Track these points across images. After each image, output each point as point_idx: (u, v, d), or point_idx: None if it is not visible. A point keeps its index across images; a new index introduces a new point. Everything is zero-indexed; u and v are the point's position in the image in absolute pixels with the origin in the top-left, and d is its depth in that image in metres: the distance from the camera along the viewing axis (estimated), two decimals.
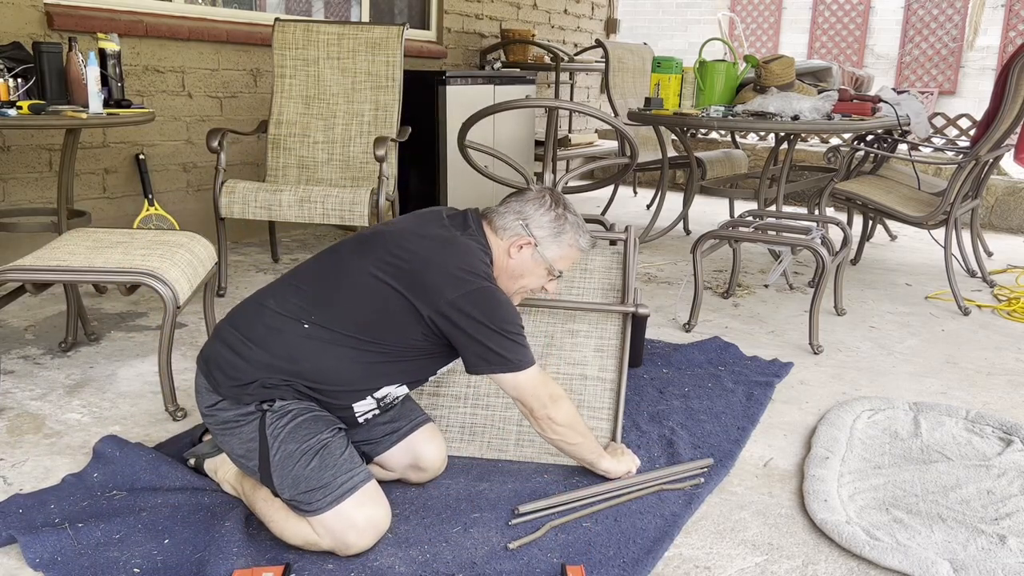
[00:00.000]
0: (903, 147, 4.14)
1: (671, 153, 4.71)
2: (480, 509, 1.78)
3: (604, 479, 1.88)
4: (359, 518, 1.56)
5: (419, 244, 1.67)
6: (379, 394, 1.70)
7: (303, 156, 3.72)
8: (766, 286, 3.69)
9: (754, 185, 4.50)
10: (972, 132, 5.35)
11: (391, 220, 1.82)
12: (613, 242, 2.44)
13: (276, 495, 1.61)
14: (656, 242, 4.51)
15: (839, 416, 2.27)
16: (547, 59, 5.73)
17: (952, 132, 5.91)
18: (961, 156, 3.60)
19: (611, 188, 5.30)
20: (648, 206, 5.43)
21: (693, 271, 3.02)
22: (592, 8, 6.95)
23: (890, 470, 2.01)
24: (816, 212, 3.75)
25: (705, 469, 1.97)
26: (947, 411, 2.34)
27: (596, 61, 5.84)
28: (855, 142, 4.32)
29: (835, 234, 3.61)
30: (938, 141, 5.22)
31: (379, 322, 1.63)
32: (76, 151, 3.01)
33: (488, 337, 1.62)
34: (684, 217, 4.63)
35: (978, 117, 4.19)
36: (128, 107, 2.97)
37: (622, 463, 1.89)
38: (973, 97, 10.38)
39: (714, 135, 6.28)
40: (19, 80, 2.78)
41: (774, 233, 3.01)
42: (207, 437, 1.96)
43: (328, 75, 3.74)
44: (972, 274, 3.95)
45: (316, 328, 1.62)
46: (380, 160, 3.30)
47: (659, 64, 4.29)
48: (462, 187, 4.51)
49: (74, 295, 2.64)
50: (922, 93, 10.41)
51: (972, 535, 1.72)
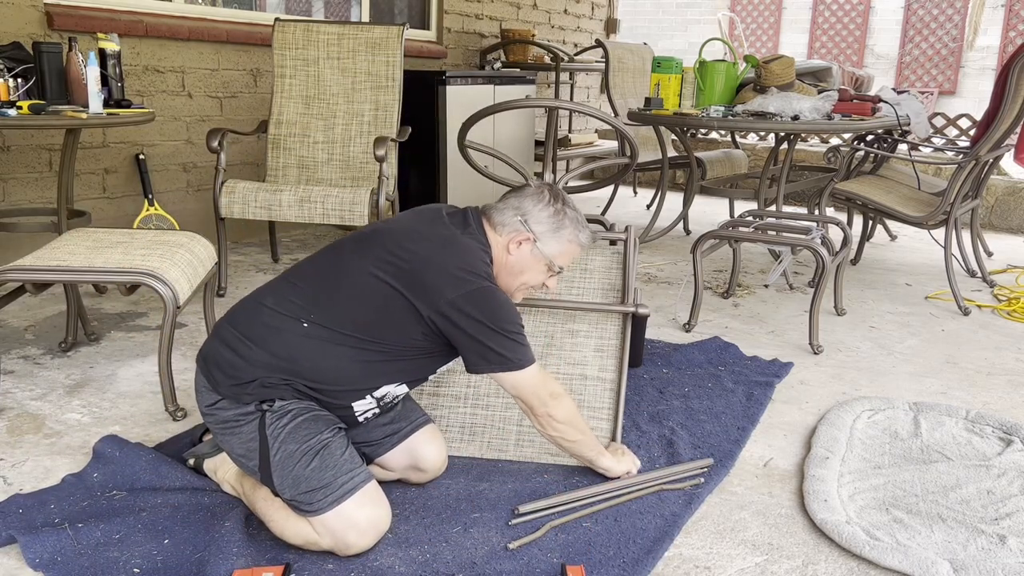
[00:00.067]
0: (903, 147, 4.14)
1: (671, 153, 4.71)
2: (480, 509, 1.78)
3: (604, 479, 1.88)
4: (360, 518, 1.56)
5: (419, 243, 1.66)
6: (379, 393, 1.70)
7: (303, 156, 3.72)
8: (766, 286, 3.69)
9: (754, 185, 4.50)
10: (972, 132, 5.34)
11: (390, 218, 1.82)
12: (613, 242, 2.44)
13: (276, 495, 1.61)
14: (656, 242, 4.51)
15: (839, 416, 2.27)
16: (547, 59, 5.73)
17: (952, 132, 5.91)
18: (961, 156, 3.59)
19: (611, 188, 5.29)
20: (648, 206, 5.42)
21: (693, 271, 3.02)
22: (592, 8, 6.95)
23: (890, 470, 2.01)
24: (816, 212, 3.75)
25: (705, 469, 1.97)
26: (947, 411, 2.34)
27: (596, 61, 5.84)
28: (855, 142, 4.32)
29: (835, 234, 3.61)
30: (938, 141, 5.22)
31: (379, 321, 1.63)
32: (76, 151, 3.01)
33: (488, 337, 1.62)
34: (684, 217, 4.63)
35: (978, 117, 4.19)
36: (128, 107, 2.97)
37: (622, 463, 1.89)
38: (973, 97, 10.38)
39: (714, 135, 6.27)
40: (19, 80, 2.78)
41: (774, 233, 3.01)
42: (207, 437, 1.96)
43: (328, 75, 3.74)
44: (972, 274, 3.95)
45: (315, 327, 1.62)
46: (380, 160, 3.30)
47: (659, 64, 4.29)
48: (462, 187, 4.51)
49: (74, 295, 2.64)
50: (922, 93, 10.41)
51: (972, 535, 1.72)
